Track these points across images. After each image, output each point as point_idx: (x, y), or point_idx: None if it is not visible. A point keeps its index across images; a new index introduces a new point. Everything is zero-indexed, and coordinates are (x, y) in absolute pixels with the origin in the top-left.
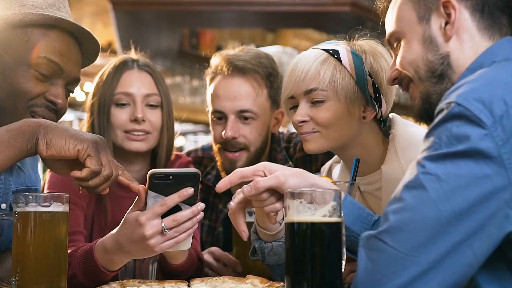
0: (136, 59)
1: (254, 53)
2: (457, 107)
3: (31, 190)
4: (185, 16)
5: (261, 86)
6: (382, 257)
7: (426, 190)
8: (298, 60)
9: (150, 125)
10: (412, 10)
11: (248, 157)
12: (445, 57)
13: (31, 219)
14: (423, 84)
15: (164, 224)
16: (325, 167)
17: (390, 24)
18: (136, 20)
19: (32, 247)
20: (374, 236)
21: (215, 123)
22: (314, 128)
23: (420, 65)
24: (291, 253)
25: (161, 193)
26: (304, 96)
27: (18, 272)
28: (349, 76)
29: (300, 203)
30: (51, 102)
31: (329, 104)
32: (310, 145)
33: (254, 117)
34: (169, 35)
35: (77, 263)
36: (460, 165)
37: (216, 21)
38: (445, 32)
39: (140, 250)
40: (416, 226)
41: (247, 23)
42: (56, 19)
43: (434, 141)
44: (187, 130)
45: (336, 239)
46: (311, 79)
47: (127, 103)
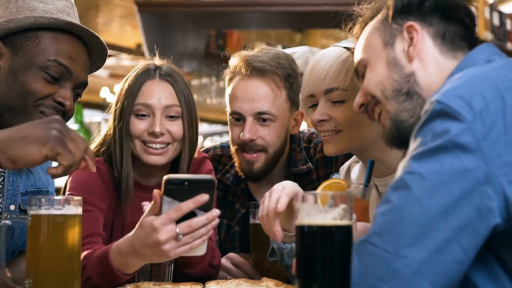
0: (159, 66)
1: (273, 54)
2: (438, 104)
3: (42, 192)
4: (211, 18)
5: (280, 87)
6: (374, 261)
7: (410, 189)
8: (319, 57)
9: (170, 136)
10: (379, 37)
11: (266, 159)
12: (410, 76)
13: (44, 222)
14: (390, 103)
15: (178, 230)
16: (343, 167)
17: (358, 52)
18: (162, 22)
19: (45, 250)
20: (365, 240)
21: (233, 125)
22: (336, 127)
23: (386, 85)
24: (301, 256)
25: (176, 199)
26: (324, 95)
27: (31, 274)
28: None
29: (310, 206)
30: (59, 103)
31: (350, 104)
32: (330, 147)
33: (273, 119)
34: (195, 36)
35: (92, 265)
36: (441, 162)
37: (242, 22)
38: (408, 54)
39: (155, 254)
40: (403, 226)
41: (273, 23)
42: (66, 23)
43: (420, 141)
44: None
45: (346, 242)
46: (332, 78)
47: (146, 114)
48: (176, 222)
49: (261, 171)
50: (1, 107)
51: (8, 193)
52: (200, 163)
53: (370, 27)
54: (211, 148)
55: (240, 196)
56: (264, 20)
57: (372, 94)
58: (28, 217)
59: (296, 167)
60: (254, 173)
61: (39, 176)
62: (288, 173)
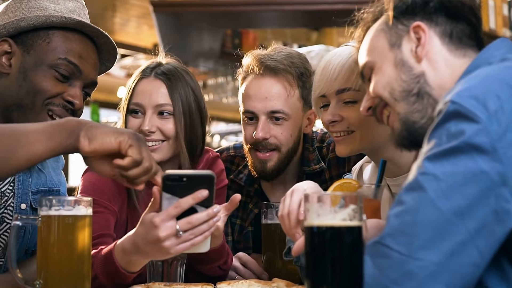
0: (159, 65)
1: (286, 53)
2: (452, 105)
3: (53, 192)
4: (226, 17)
5: (293, 86)
6: (387, 263)
7: (425, 190)
8: (331, 57)
9: (161, 134)
10: (384, 39)
11: (279, 158)
12: (420, 76)
13: (54, 222)
14: (399, 105)
15: (178, 226)
16: (356, 167)
17: (363, 56)
18: (178, 21)
19: (55, 251)
20: (378, 241)
21: (246, 124)
22: (348, 127)
23: (395, 86)
24: (311, 257)
25: (175, 195)
26: (335, 95)
27: (42, 275)
28: None
29: (320, 207)
30: (68, 102)
31: None
32: (342, 147)
33: (286, 117)
34: (211, 36)
35: (98, 264)
36: (456, 163)
37: (258, 21)
38: (416, 54)
39: (156, 251)
40: (418, 227)
41: (289, 22)
42: (77, 22)
43: (435, 142)
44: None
45: (356, 243)
46: (344, 78)
47: (140, 112)
48: (177, 218)
49: (274, 170)
50: (11, 105)
51: (19, 192)
52: (212, 162)
53: (373, 29)
54: (224, 149)
55: (253, 196)
56: (280, 19)
57: (380, 96)
58: (39, 218)
59: (308, 166)
60: (267, 172)
61: (50, 175)
62: (301, 173)
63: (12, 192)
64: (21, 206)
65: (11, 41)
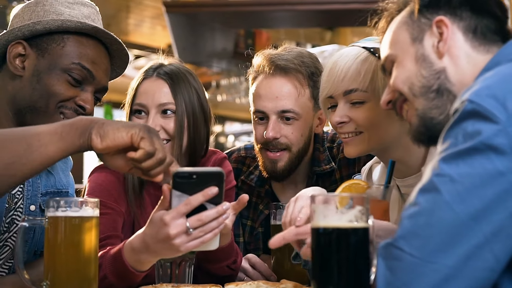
0: (162, 65)
1: (296, 52)
2: (470, 104)
3: (62, 193)
4: (239, 17)
5: (303, 85)
6: (400, 265)
7: (440, 192)
8: (337, 58)
9: (165, 133)
10: (406, 32)
11: (290, 158)
12: (441, 72)
13: (61, 224)
14: (418, 101)
15: (189, 224)
16: (365, 168)
17: (385, 48)
18: (191, 22)
19: (62, 252)
20: (391, 244)
21: (257, 123)
22: (356, 129)
23: (414, 81)
24: (317, 259)
25: (185, 192)
26: (343, 96)
27: (49, 276)
28: None
29: (326, 208)
30: (80, 106)
31: (369, 105)
32: (350, 149)
33: (296, 117)
34: (223, 36)
35: (107, 264)
36: (473, 164)
37: (270, 21)
38: (437, 50)
39: (166, 249)
40: (432, 230)
41: (302, 22)
42: (92, 28)
43: (450, 142)
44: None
45: (363, 245)
46: (351, 79)
47: (143, 112)
48: (186, 216)
49: (284, 170)
50: (25, 107)
51: (28, 194)
52: (220, 164)
53: (397, 21)
54: (235, 150)
55: (264, 197)
56: (293, 18)
57: (400, 91)
58: (45, 219)
59: (319, 166)
60: (277, 172)
61: (59, 177)
62: (311, 173)
63: (22, 194)
64: (31, 208)
65: (25, 44)
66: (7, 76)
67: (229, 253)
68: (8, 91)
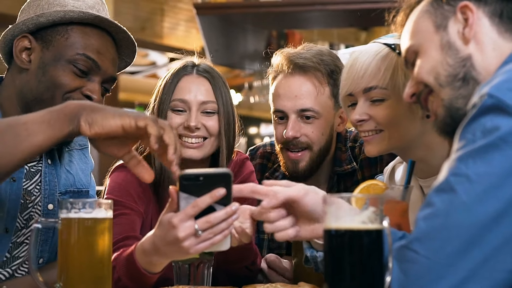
0: (197, 64)
1: (316, 50)
2: (490, 99)
3: (82, 193)
4: (270, 18)
5: (323, 84)
6: (415, 268)
7: (456, 193)
8: (357, 55)
9: (206, 131)
10: (429, 20)
11: (311, 157)
12: (467, 59)
13: (74, 225)
14: (444, 91)
15: (197, 226)
16: (387, 168)
17: (406, 39)
18: (222, 24)
19: (75, 253)
20: (405, 246)
21: (277, 123)
22: (376, 127)
23: (440, 71)
24: (329, 262)
25: (193, 194)
26: (363, 94)
27: (62, 277)
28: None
29: (338, 209)
30: (87, 97)
31: (390, 103)
32: (371, 147)
33: (316, 116)
34: (255, 37)
35: (121, 266)
36: (491, 163)
37: (302, 22)
38: (463, 36)
39: (175, 252)
40: (449, 232)
41: (334, 22)
42: (95, 17)
43: (468, 138)
44: None
45: (376, 247)
46: (371, 76)
47: (183, 109)
48: (195, 218)
49: (306, 170)
50: (31, 100)
51: (45, 193)
52: (242, 165)
53: (417, 11)
54: (261, 145)
55: None
56: (325, 18)
57: (425, 82)
58: (59, 221)
59: (340, 166)
60: (299, 172)
61: (79, 177)
62: (332, 173)
63: (39, 192)
64: (49, 207)
65: (30, 37)
66: (15, 70)
67: (248, 254)
68: (16, 85)
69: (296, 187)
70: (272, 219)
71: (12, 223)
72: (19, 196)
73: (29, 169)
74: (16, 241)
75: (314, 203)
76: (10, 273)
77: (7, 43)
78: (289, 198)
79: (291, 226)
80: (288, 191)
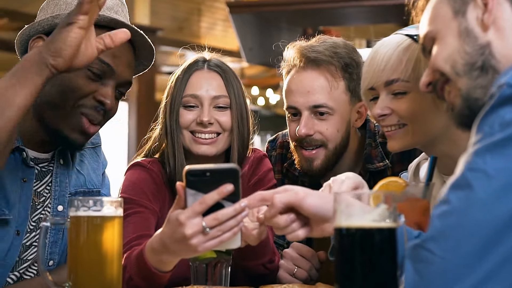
0: (208, 59)
1: (330, 43)
2: (509, 88)
3: (93, 193)
4: (305, 15)
5: (336, 78)
6: (430, 269)
7: (473, 189)
8: (378, 47)
9: (219, 126)
10: (447, 6)
11: (326, 155)
12: (485, 47)
13: (82, 223)
14: (461, 80)
15: (205, 223)
16: (412, 165)
17: (424, 25)
18: (256, 22)
19: (84, 252)
20: (419, 245)
21: (290, 120)
22: (399, 121)
23: (457, 59)
24: (340, 261)
25: (200, 191)
26: (384, 87)
27: (71, 277)
28: None
29: (348, 207)
30: (99, 102)
31: (412, 96)
32: (394, 142)
33: (331, 112)
34: (290, 35)
35: (132, 265)
36: (510, 157)
37: (337, 18)
38: (482, 22)
39: (184, 250)
40: (465, 231)
41: (369, 18)
42: (110, 20)
43: (485, 131)
44: None
45: (388, 246)
46: (392, 68)
47: (195, 105)
48: (203, 215)
49: (321, 168)
50: (44, 104)
51: (55, 194)
52: (259, 162)
53: None
54: (280, 135)
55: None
56: (360, 15)
57: (441, 71)
58: (68, 219)
59: (372, 164)
60: (314, 171)
61: (90, 177)
62: (364, 171)
63: (49, 193)
64: (58, 208)
65: (46, 38)
66: None
67: (264, 250)
68: None
69: (293, 191)
70: (282, 225)
71: (23, 225)
72: (29, 197)
73: (41, 169)
74: (25, 244)
75: (316, 205)
76: (18, 276)
77: (23, 43)
78: (288, 203)
79: (301, 227)
80: (285, 197)
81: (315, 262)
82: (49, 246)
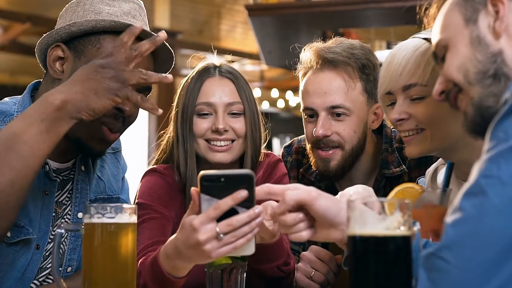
0: (219, 65)
1: (347, 44)
2: None
3: (112, 199)
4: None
5: (353, 79)
6: (444, 278)
7: (487, 196)
8: (396, 51)
9: (234, 133)
10: (459, 14)
11: (343, 156)
12: (497, 55)
13: (97, 230)
14: (474, 89)
15: (219, 229)
16: (429, 170)
17: (436, 33)
18: (274, 24)
19: (98, 259)
20: (433, 253)
21: (307, 121)
22: (417, 126)
23: (469, 67)
24: (353, 270)
25: (214, 196)
26: (402, 92)
27: (85, 284)
28: None
29: (362, 215)
30: (118, 109)
31: (431, 100)
32: (412, 148)
33: (347, 113)
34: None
35: (146, 271)
36: None
37: (356, 20)
38: (494, 30)
39: (197, 255)
40: (480, 239)
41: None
42: (127, 26)
43: (499, 137)
44: None
45: (403, 255)
46: (410, 73)
47: (208, 113)
48: (217, 220)
49: (338, 169)
50: None
51: (76, 201)
52: (274, 166)
53: (448, 3)
54: (295, 140)
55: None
56: (379, 17)
57: (454, 81)
58: (82, 226)
59: (388, 169)
60: (330, 171)
61: (110, 183)
62: (380, 176)
63: (70, 201)
64: (78, 215)
65: (64, 47)
66: (49, 80)
67: (278, 252)
68: None
69: (307, 189)
70: (289, 223)
71: (43, 239)
72: (51, 210)
73: (62, 178)
74: (45, 255)
75: (326, 208)
76: (38, 285)
77: (42, 51)
78: (299, 201)
79: (307, 228)
80: (298, 194)
81: (333, 265)
82: (68, 253)
